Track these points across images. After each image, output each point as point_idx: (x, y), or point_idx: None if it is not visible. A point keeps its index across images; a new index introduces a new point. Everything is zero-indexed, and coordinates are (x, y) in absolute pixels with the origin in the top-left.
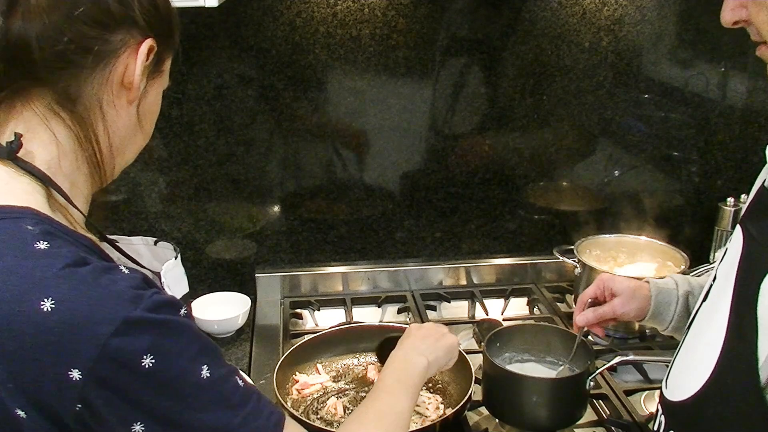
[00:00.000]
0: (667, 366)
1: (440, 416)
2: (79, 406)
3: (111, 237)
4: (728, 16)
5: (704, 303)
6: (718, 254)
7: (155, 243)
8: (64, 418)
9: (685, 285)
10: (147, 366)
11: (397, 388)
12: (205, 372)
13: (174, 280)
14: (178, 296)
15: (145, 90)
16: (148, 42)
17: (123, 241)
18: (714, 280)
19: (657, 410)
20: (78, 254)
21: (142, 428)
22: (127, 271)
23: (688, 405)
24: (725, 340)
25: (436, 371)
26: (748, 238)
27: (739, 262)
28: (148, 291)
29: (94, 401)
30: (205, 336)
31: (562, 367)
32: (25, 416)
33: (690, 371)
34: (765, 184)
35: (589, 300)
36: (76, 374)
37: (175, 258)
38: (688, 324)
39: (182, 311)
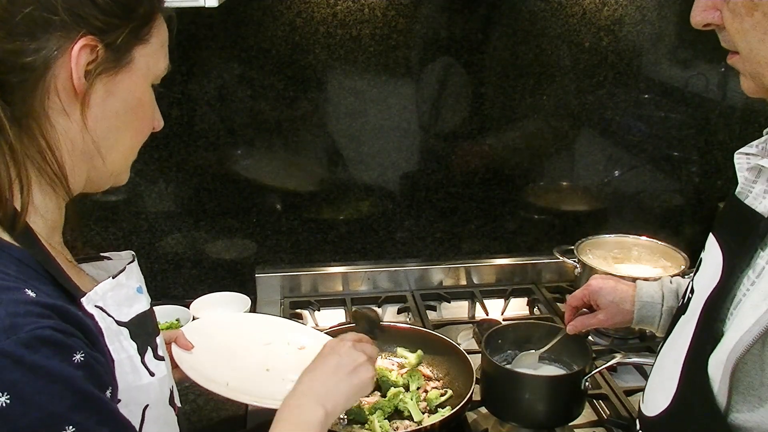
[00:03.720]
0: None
1: (441, 416)
2: None
3: (105, 254)
4: (698, 17)
5: (683, 317)
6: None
7: (128, 263)
8: None
9: (672, 299)
10: (1, 404)
11: None
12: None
13: (116, 303)
14: (127, 318)
15: (110, 87)
16: (82, 41)
17: (115, 257)
18: (692, 293)
19: (635, 424)
20: None
21: None
22: (32, 294)
23: (660, 422)
24: (685, 360)
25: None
26: (728, 253)
27: (719, 281)
28: (35, 322)
29: None
30: (93, 394)
31: (533, 351)
32: None
33: (661, 386)
34: (735, 193)
35: (583, 308)
36: None
37: (114, 277)
38: (665, 335)
39: (75, 357)
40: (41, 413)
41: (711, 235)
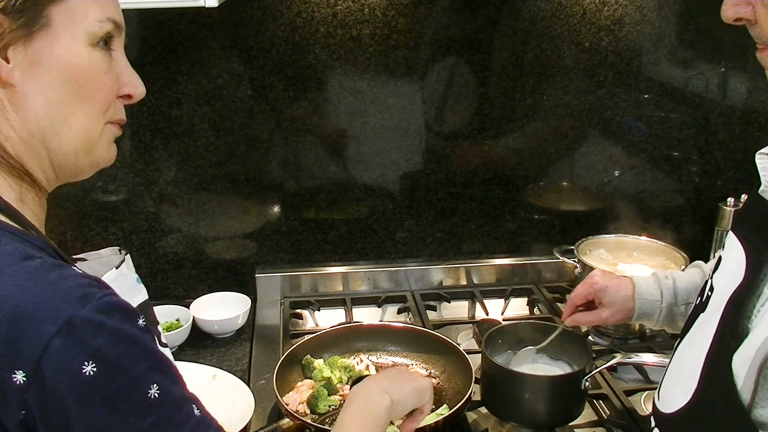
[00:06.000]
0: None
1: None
2: (23, 412)
3: (79, 256)
4: (730, 11)
5: (702, 314)
6: (712, 262)
7: (125, 254)
8: (10, 428)
9: (669, 296)
10: (87, 373)
11: (358, 429)
12: (153, 391)
13: (121, 293)
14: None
15: (30, 57)
16: None
17: (92, 256)
18: (712, 291)
19: (650, 421)
20: (24, 250)
21: None
22: (80, 270)
23: (678, 418)
24: (707, 357)
25: (402, 413)
26: (752, 251)
27: (744, 279)
28: (101, 291)
29: (36, 406)
30: (162, 354)
31: (531, 347)
32: None
33: (679, 383)
34: (758, 192)
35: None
36: (20, 376)
37: (117, 267)
38: (682, 332)
39: (139, 321)
40: (127, 376)
41: (731, 233)
